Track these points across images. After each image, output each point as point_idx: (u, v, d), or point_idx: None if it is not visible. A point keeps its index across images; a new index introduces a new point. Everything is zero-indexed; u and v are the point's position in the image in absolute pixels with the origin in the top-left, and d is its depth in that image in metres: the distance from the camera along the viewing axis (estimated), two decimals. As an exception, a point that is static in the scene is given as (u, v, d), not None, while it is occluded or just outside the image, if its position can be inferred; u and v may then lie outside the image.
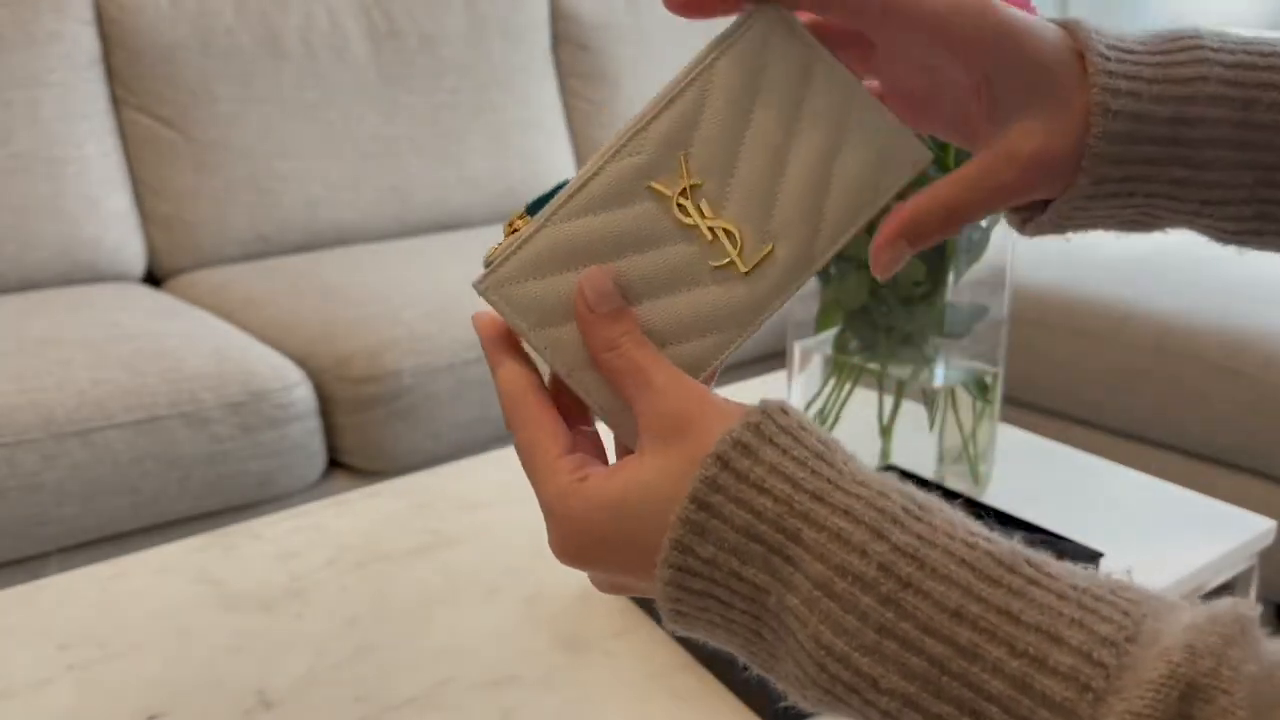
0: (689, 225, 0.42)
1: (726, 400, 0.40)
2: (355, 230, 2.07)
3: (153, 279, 1.97)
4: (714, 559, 0.36)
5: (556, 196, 0.42)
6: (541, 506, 0.41)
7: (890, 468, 0.97)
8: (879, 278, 0.45)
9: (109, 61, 1.91)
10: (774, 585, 0.36)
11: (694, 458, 0.37)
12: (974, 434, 0.99)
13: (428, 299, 1.69)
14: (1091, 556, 0.84)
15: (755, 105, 0.42)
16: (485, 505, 0.97)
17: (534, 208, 0.43)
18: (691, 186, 0.42)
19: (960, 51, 0.42)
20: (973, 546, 0.34)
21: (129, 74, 1.90)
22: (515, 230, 0.43)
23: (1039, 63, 0.42)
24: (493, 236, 2.11)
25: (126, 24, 1.89)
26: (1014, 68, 0.42)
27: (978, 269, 0.92)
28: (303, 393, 1.53)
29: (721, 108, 0.42)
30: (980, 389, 0.98)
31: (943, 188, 0.44)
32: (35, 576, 0.92)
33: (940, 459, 0.99)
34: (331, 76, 2.04)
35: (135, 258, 1.92)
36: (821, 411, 1.01)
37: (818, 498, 0.36)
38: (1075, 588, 0.33)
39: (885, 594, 0.33)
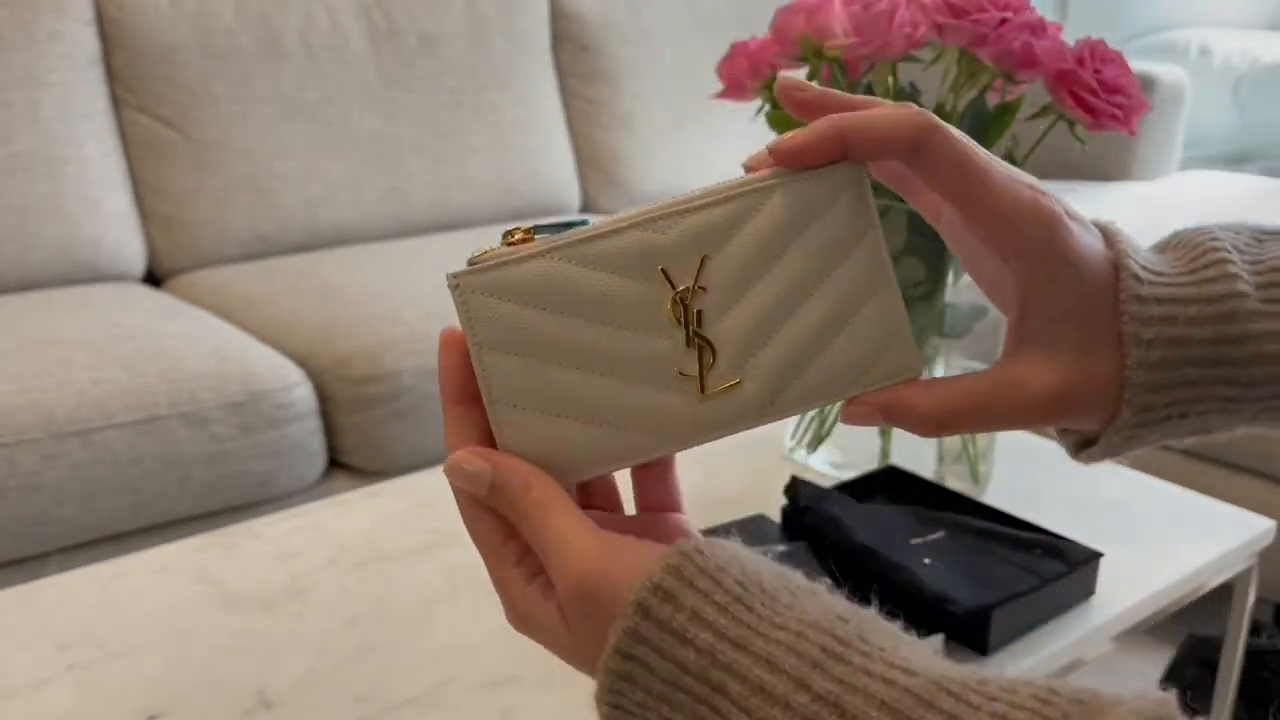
0: (676, 323, 0.41)
1: (639, 543, 0.39)
2: (355, 230, 2.07)
3: (153, 279, 1.97)
4: (645, 704, 0.37)
5: (568, 233, 0.41)
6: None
7: (890, 468, 0.97)
8: (843, 422, 0.44)
9: (109, 61, 1.91)
10: None
11: (610, 619, 0.37)
12: (974, 434, 0.99)
13: (428, 299, 1.69)
14: (1091, 556, 0.84)
15: (792, 246, 0.41)
16: (485, 505, 0.97)
17: (541, 230, 0.41)
18: (698, 289, 0.41)
19: (1011, 258, 0.41)
20: (892, 684, 0.33)
21: (129, 74, 1.90)
22: (513, 244, 0.41)
23: (1083, 295, 0.40)
24: (492, 237, 2.11)
25: (126, 24, 1.89)
26: (1057, 298, 0.41)
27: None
28: (303, 393, 1.53)
29: (761, 233, 0.41)
30: (980, 389, 0.98)
31: (941, 392, 0.42)
32: (35, 576, 0.92)
33: (940, 459, 0.99)
34: (331, 76, 2.04)
35: (135, 258, 1.92)
36: (821, 411, 1.01)
37: (739, 645, 0.35)
38: (996, 715, 0.32)
39: None
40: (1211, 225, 0.43)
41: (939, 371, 0.96)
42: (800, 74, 0.91)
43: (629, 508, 0.46)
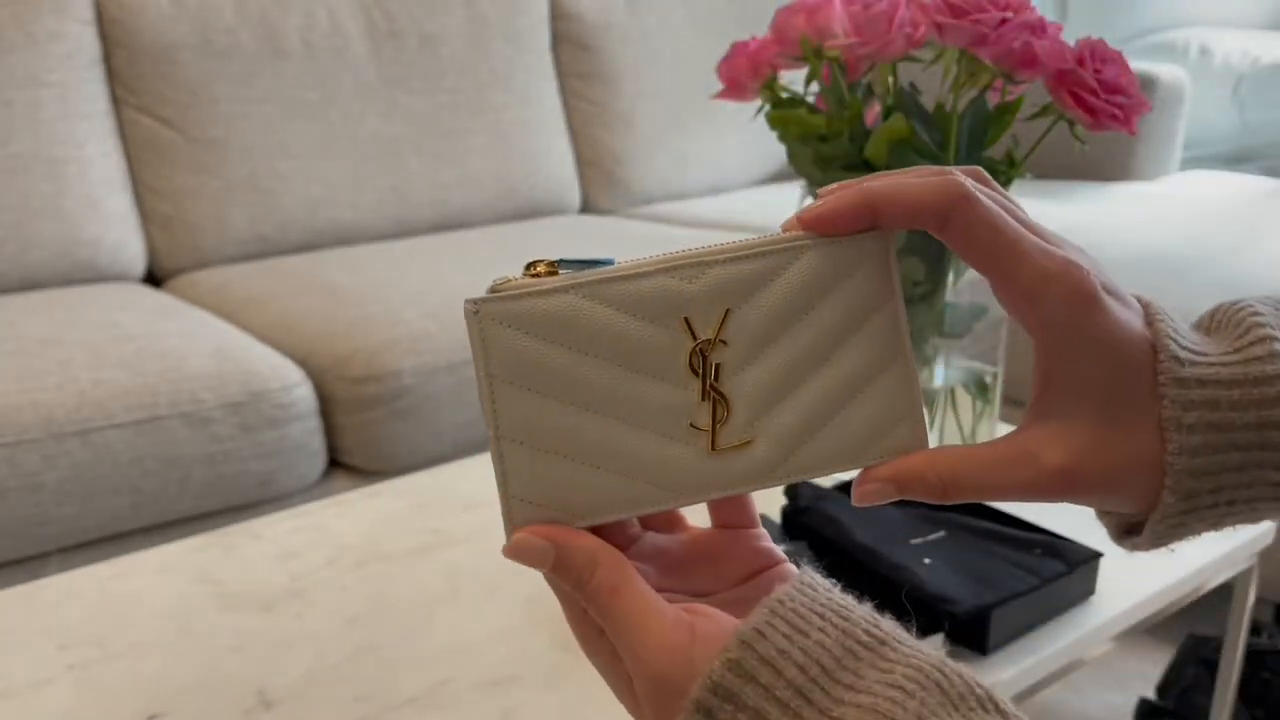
0: (693, 374, 0.41)
1: (708, 627, 0.39)
2: (355, 230, 2.07)
3: (153, 279, 1.97)
4: None
5: (594, 270, 0.40)
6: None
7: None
8: (855, 503, 0.43)
9: (109, 61, 1.91)
10: None
11: (679, 711, 0.37)
12: (974, 434, 0.99)
13: (428, 299, 1.69)
14: (1091, 556, 0.84)
15: (815, 308, 0.41)
16: (485, 505, 0.97)
17: (564, 265, 0.41)
18: (719, 342, 0.41)
19: (1035, 331, 0.40)
20: None
21: (129, 74, 1.90)
22: (536, 275, 0.40)
23: (1110, 375, 0.39)
24: (493, 237, 2.11)
25: (127, 24, 1.89)
26: (1079, 375, 0.40)
27: (978, 269, 0.91)
28: (303, 392, 1.53)
29: (786, 292, 0.41)
30: (980, 389, 0.98)
31: (950, 461, 0.41)
32: (35, 576, 0.92)
33: (940, 459, 0.99)
34: (331, 76, 2.04)
35: (135, 258, 1.92)
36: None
37: None
38: None
39: None
40: (1253, 299, 0.42)
41: (939, 371, 0.96)
42: (800, 74, 0.91)
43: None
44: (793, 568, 0.42)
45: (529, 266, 0.40)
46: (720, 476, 0.41)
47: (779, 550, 0.43)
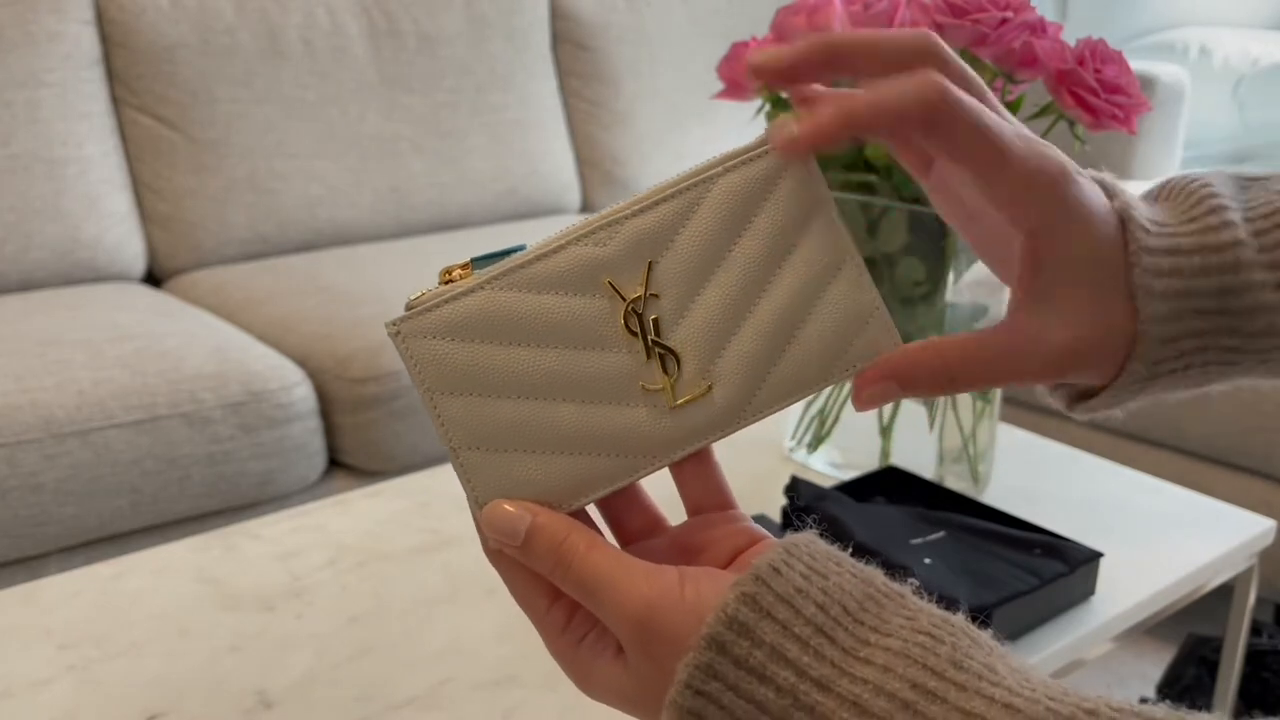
0: (632, 336, 0.39)
1: (697, 571, 0.37)
2: (355, 230, 2.07)
3: (153, 279, 1.97)
4: None
5: (505, 260, 0.39)
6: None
7: (890, 468, 0.97)
8: (857, 409, 0.41)
9: (109, 61, 1.91)
10: None
11: (673, 662, 0.35)
12: (974, 434, 0.99)
13: (428, 299, 1.69)
14: (1091, 556, 0.84)
15: (742, 236, 0.39)
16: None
17: (480, 262, 0.39)
18: (649, 297, 0.39)
19: (1025, 219, 0.40)
20: None
21: (129, 74, 1.90)
22: (451, 280, 0.39)
23: (1094, 249, 0.40)
24: (492, 237, 2.11)
25: (127, 24, 1.89)
26: (1070, 253, 0.40)
27: (978, 269, 0.92)
28: (303, 392, 1.53)
29: (706, 227, 0.39)
30: (980, 389, 0.98)
31: (952, 350, 0.41)
32: (35, 576, 0.92)
33: (940, 459, 0.99)
34: (331, 76, 2.04)
35: (135, 258, 1.92)
36: (821, 411, 1.01)
37: (824, 686, 0.33)
38: None
39: None
40: (1198, 172, 0.43)
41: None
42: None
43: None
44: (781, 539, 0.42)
45: (443, 273, 0.39)
46: (686, 431, 0.40)
47: (760, 528, 0.41)
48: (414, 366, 0.38)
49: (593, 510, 0.42)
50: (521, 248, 0.39)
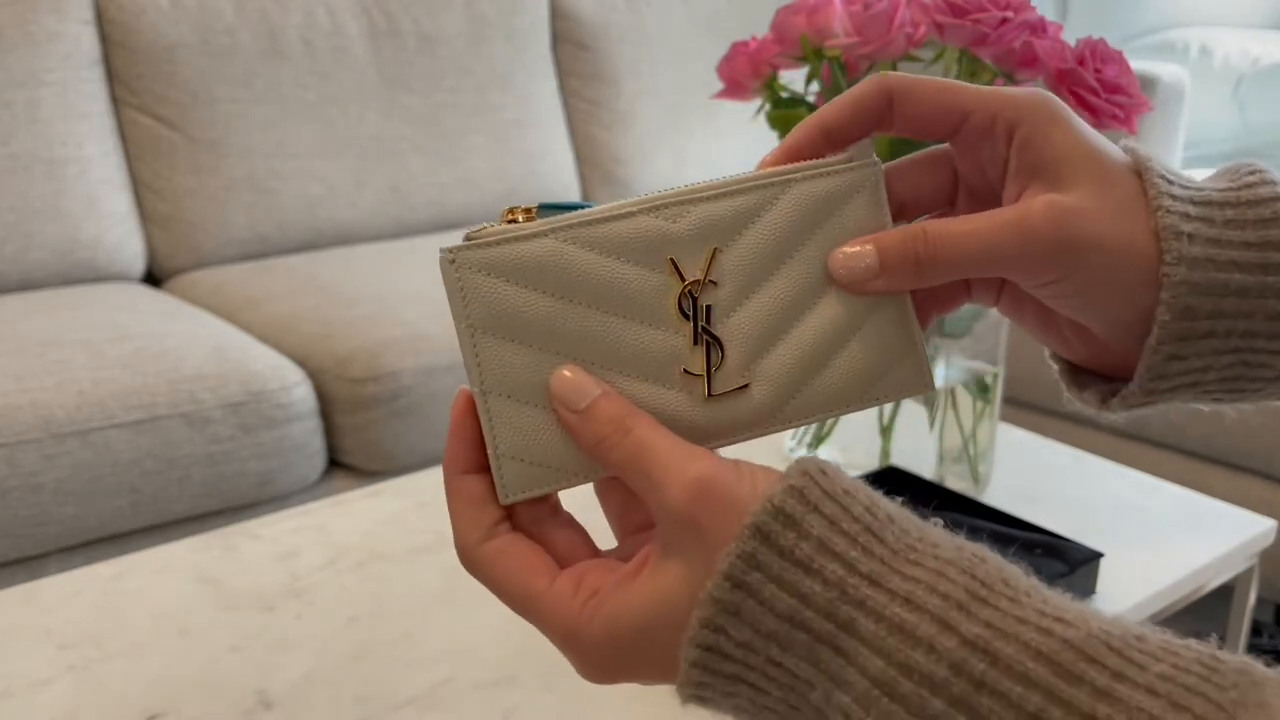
0: (683, 318, 0.39)
1: (748, 466, 0.35)
2: (355, 230, 2.07)
3: (152, 279, 1.97)
4: (750, 643, 0.32)
5: (573, 214, 0.38)
6: (553, 643, 0.37)
7: (890, 468, 0.97)
8: (833, 272, 0.40)
9: (109, 61, 1.91)
10: (820, 679, 0.32)
11: (717, 549, 0.33)
12: (974, 434, 0.99)
13: (428, 299, 1.69)
14: (1091, 557, 0.84)
15: (807, 243, 0.40)
16: (485, 505, 0.97)
17: (545, 211, 0.39)
18: (708, 283, 0.39)
19: (1017, 152, 0.39)
20: (1048, 634, 0.30)
21: (129, 74, 1.90)
22: (514, 221, 0.38)
23: (1107, 186, 0.37)
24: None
25: (127, 24, 1.89)
26: (1075, 179, 0.38)
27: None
28: (302, 392, 1.53)
29: (776, 227, 0.39)
30: (980, 389, 0.98)
31: (938, 223, 0.39)
32: (35, 576, 0.92)
33: (940, 459, 0.99)
34: (331, 76, 2.04)
35: (135, 258, 1.92)
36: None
37: (874, 581, 0.32)
38: (1164, 678, 0.29)
39: (957, 696, 0.30)
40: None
41: (940, 372, 0.96)
42: (800, 74, 0.91)
43: None
44: None
45: (508, 212, 0.39)
46: (718, 423, 0.39)
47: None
48: (460, 299, 0.37)
49: (593, 515, 0.42)
50: (588, 205, 0.39)
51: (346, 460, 1.60)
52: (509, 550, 0.38)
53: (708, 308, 0.39)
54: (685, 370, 0.39)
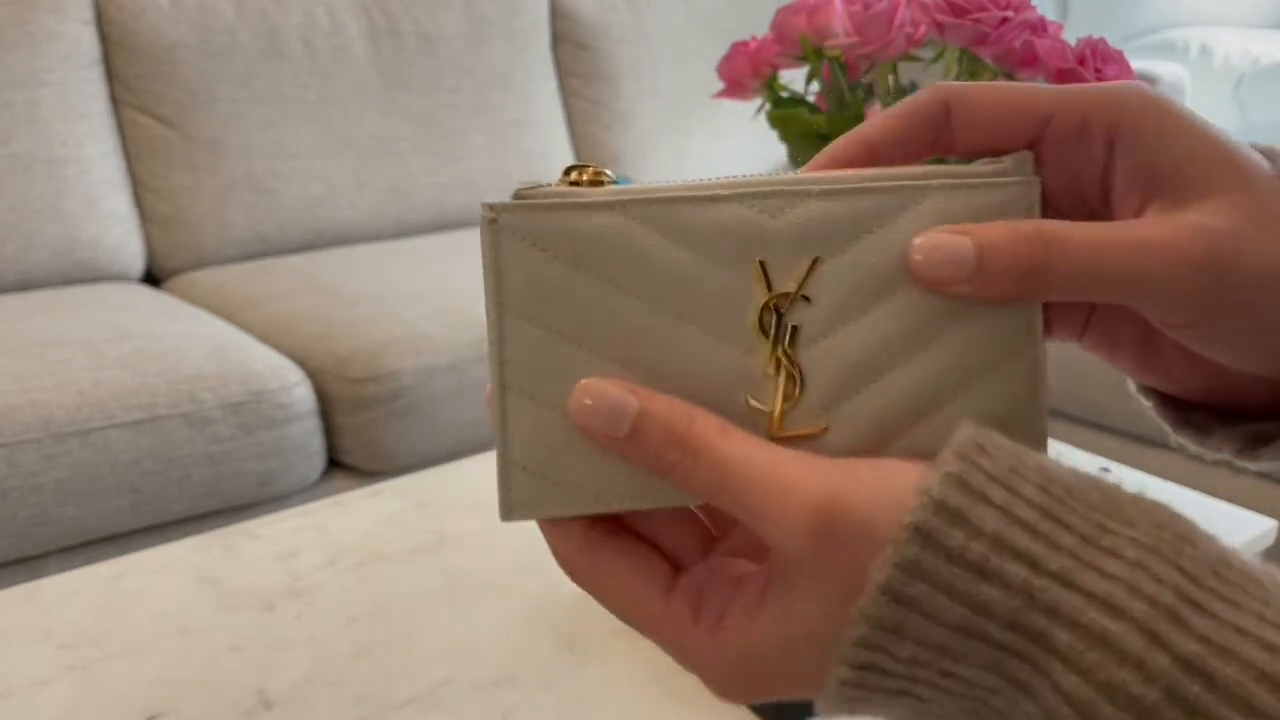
0: (761, 336, 0.32)
1: (869, 468, 0.29)
2: (355, 230, 2.07)
3: (152, 279, 1.97)
4: (915, 658, 0.28)
5: (650, 187, 0.31)
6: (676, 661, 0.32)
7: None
8: (916, 274, 0.32)
9: (109, 61, 1.91)
10: (1004, 687, 0.27)
11: (858, 570, 0.28)
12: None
13: (427, 299, 1.69)
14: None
15: None
16: (485, 505, 0.97)
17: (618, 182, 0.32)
18: (800, 298, 0.32)
19: (1126, 143, 0.32)
20: (1273, 650, 0.25)
21: (129, 74, 1.90)
22: (577, 184, 0.32)
23: (1247, 186, 0.31)
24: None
25: (126, 24, 1.89)
26: (1208, 183, 0.31)
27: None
28: (302, 393, 1.53)
29: (897, 243, 0.31)
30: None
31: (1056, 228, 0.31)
32: (35, 576, 0.92)
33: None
34: (331, 76, 2.04)
35: (134, 257, 1.92)
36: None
37: (1065, 581, 0.26)
38: None
39: None
40: None
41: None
42: (800, 73, 0.91)
43: None
44: None
45: (568, 172, 0.32)
46: None
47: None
48: (494, 269, 0.31)
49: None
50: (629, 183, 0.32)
51: (346, 460, 1.60)
52: (613, 570, 0.32)
53: (794, 328, 0.32)
54: (751, 399, 0.32)
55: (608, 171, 0.32)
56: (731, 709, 0.72)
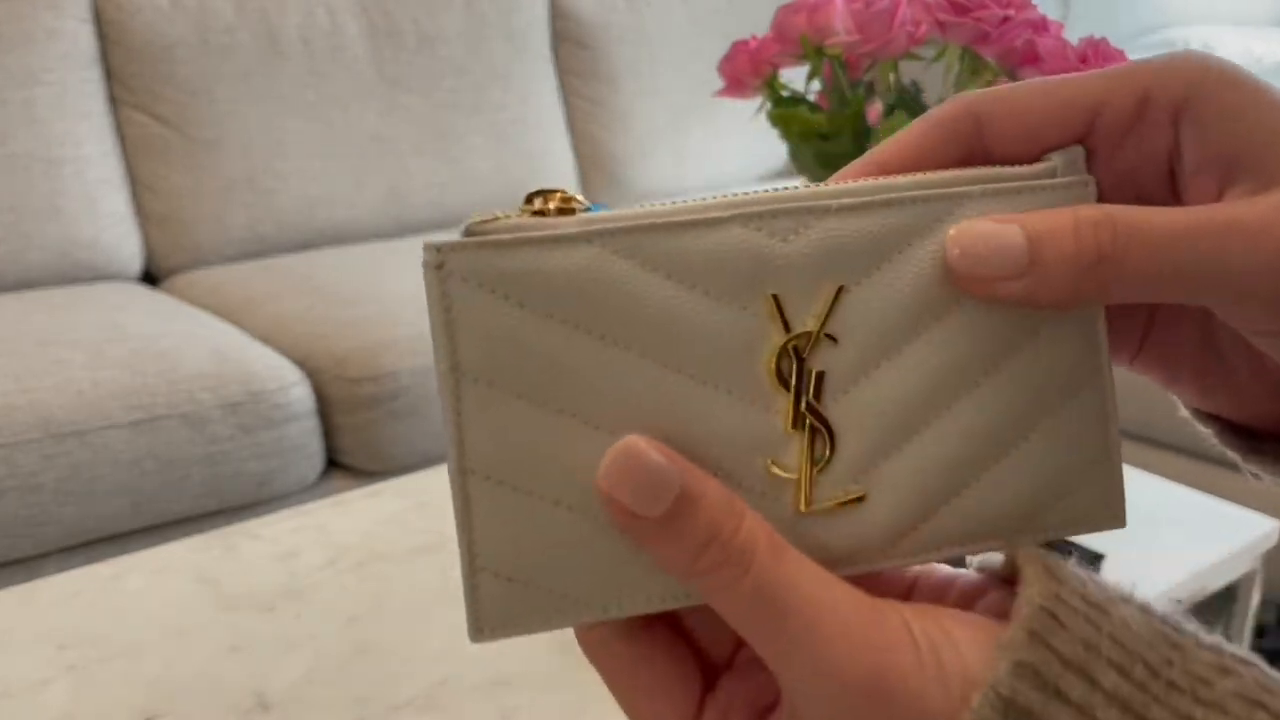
0: (778, 386, 0.26)
1: (930, 636, 0.24)
2: (354, 230, 2.07)
3: (150, 278, 1.97)
4: None
5: (631, 213, 0.25)
6: None
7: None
8: (955, 273, 0.26)
9: (107, 60, 1.91)
10: None
11: None
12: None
13: (426, 299, 1.69)
14: (1093, 558, 0.84)
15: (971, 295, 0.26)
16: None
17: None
18: (823, 338, 0.26)
19: (1192, 126, 0.27)
20: None
21: (127, 73, 1.90)
22: (542, 212, 0.25)
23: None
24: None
25: (125, 23, 1.88)
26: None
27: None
28: (301, 393, 1.53)
29: (932, 264, 0.26)
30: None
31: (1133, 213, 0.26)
32: (34, 577, 0.91)
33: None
34: (331, 76, 2.03)
35: (133, 257, 1.92)
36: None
37: None
38: None
39: None
40: None
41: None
42: (801, 72, 0.91)
43: None
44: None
45: (530, 199, 0.26)
46: (814, 552, 0.25)
47: (968, 571, 0.29)
48: (446, 326, 0.25)
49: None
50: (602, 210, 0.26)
51: (345, 460, 1.60)
52: (633, 684, 0.28)
53: (819, 375, 0.26)
54: (773, 466, 0.26)
55: (579, 197, 0.26)
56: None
